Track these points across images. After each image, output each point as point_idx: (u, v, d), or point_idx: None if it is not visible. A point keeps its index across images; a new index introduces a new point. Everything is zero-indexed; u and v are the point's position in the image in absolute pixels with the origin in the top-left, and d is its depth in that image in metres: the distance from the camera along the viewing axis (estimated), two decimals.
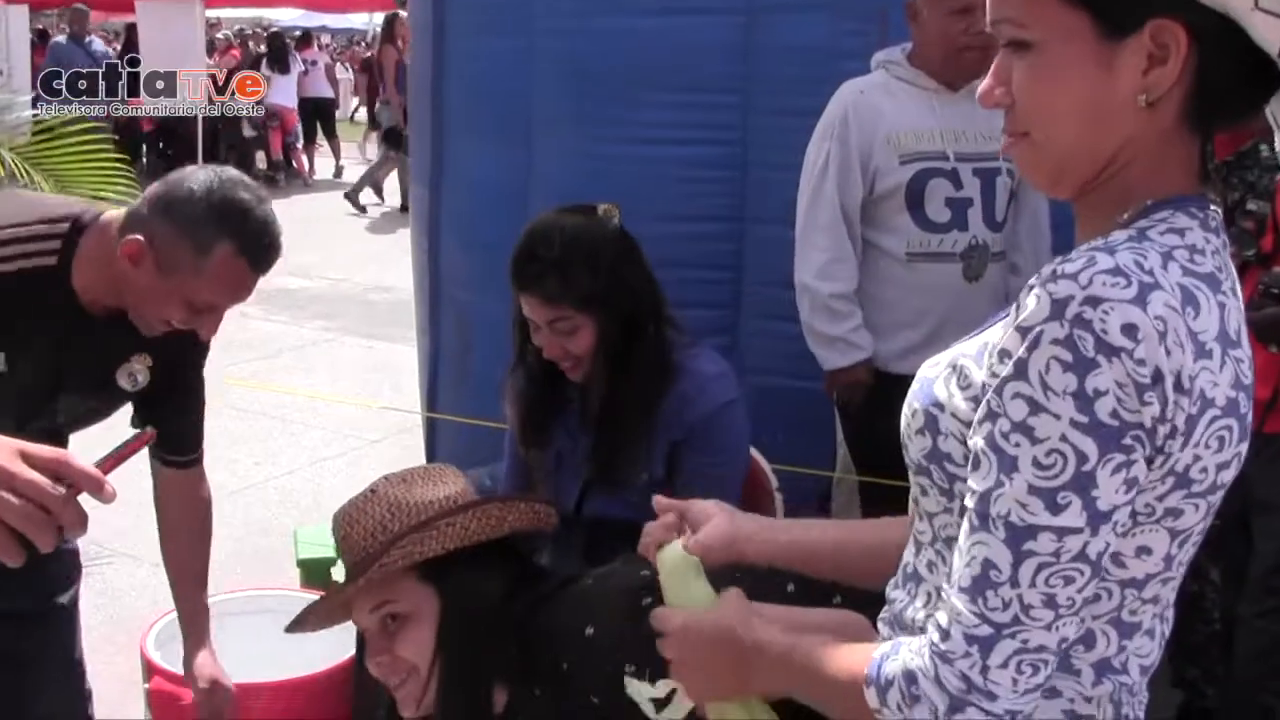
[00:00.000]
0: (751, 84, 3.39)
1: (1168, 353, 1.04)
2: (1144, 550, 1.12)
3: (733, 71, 3.39)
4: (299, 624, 2.00)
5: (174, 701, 2.56)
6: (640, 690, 1.68)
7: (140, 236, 2.01)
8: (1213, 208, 1.16)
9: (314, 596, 2.96)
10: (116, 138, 9.81)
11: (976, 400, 1.14)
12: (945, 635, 1.11)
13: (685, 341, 2.46)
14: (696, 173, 3.44)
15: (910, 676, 1.13)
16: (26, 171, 4.30)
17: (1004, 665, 1.09)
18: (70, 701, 2.57)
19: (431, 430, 4.32)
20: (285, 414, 6.14)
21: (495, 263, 2.45)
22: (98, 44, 13.55)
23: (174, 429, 2.34)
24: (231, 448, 5.69)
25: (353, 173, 15.99)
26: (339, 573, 3.21)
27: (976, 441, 1.12)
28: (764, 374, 3.37)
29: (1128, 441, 1.05)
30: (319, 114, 15.83)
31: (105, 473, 1.12)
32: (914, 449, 1.25)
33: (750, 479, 2.61)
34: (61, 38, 13.63)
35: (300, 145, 15.66)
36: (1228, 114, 1.17)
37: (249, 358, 7.31)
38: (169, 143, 14.74)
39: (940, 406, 1.20)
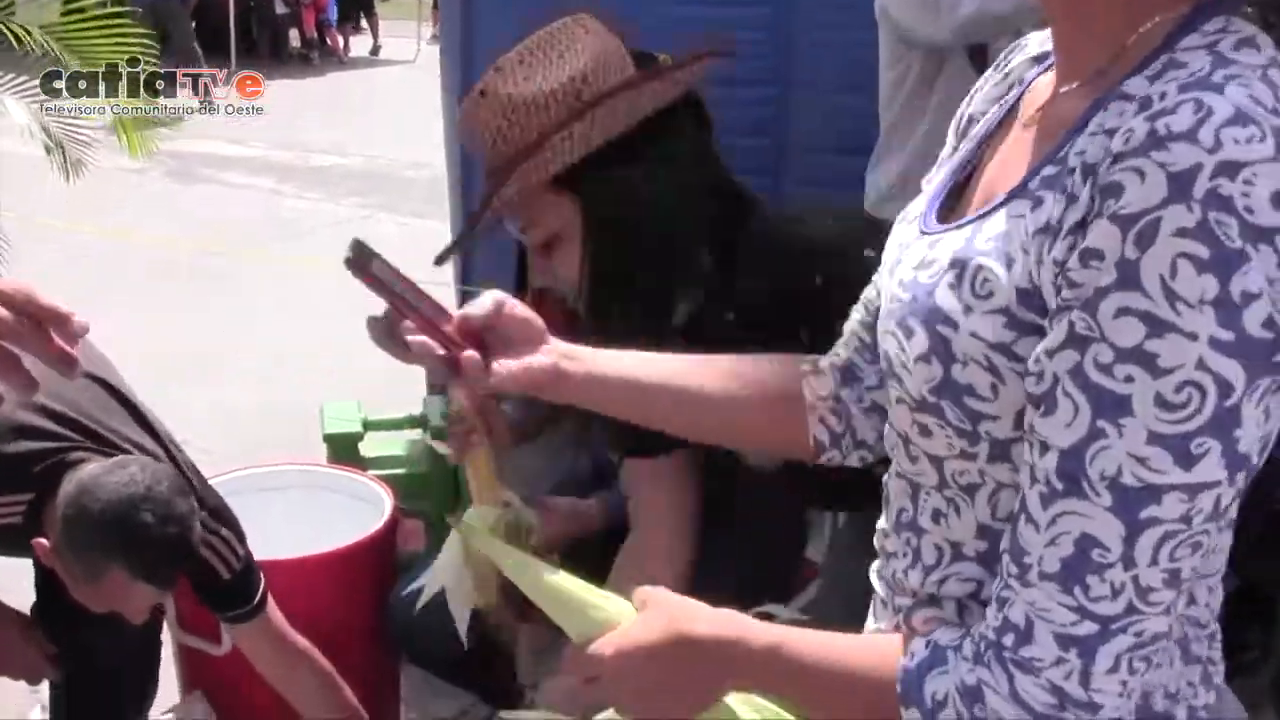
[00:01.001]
0: None
1: None
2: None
3: None
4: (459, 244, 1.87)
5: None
6: None
7: (46, 542, 1.95)
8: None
9: (341, 471, 2.94)
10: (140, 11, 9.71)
11: (1007, 314, 0.89)
12: (1024, 637, 0.87)
13: None
14: (736, 35, 3.31)
15: (972, 693, 0.89)
16: (55, 49, 4.28)
17: (1113, 669, 0.85)
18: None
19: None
20: (317, 292, 6.09)
21: None
22: None
23: (210, 593, 2.22)
24: (261, 325, 5.67)
25: (394, 48, 15.81)
26: (365, 447, 3.20)
27: (1048, 375, 0.85)
28: None
29: (1278, 358, 0.80)
30: None
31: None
32: (913, 381, 0.96)
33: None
34: None
35: (334, 24, 15.46)
36: None
37: (282, 235, 7.27)
38: (202, 20, 14.56)
39: (952, 324, 0.92)
